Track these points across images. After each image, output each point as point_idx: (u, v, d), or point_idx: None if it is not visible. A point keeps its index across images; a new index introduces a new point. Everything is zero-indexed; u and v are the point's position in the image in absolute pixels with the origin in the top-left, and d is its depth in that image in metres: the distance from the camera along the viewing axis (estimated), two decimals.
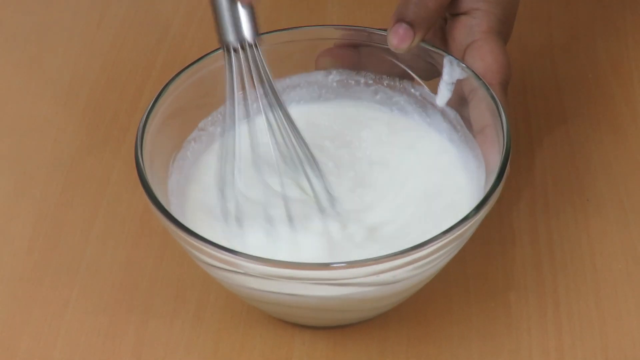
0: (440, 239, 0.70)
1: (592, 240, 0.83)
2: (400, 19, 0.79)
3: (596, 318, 0.79)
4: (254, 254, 0.69)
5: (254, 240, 0.76)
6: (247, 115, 0.78)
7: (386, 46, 0.81)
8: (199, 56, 0.80)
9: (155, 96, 0.78)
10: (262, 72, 0.75)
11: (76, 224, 0.85)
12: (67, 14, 1.04)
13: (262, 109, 0.76)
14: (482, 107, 0.78)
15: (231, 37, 0.75)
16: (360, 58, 0.84)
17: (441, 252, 0.71)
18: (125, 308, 0.80)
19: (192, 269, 0.82)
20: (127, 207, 0.86)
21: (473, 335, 0.78)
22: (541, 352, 0.77)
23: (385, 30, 0.81)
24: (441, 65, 0.80)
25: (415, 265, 0.70)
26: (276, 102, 0.76)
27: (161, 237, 0.84)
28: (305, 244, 0.75)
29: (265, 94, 0.76)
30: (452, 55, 0.80)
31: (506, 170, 0.73)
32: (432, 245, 0.70)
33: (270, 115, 0.77)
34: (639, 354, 0.77)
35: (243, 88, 0.76)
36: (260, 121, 0.77)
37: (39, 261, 0.83)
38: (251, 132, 0.78)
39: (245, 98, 0.77)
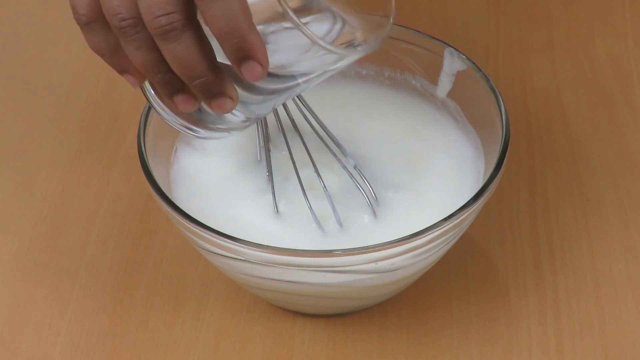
0: (438, 227, 0.70)
1: (592, 240, 0.83)
2: None
3: (596, 318, 0.78)
4: (254, 241, 0.70)
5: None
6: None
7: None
8: None
9: None
10: None
11: (76, 224, 0.85)
12: (67, 14, 1.03)
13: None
14: (481, 98, 0.78)
15: None
16: None
17: (439, 241, 0.72)
18: (125, 308, 0.80)
19: (192, 269, 0.82)
20: (127, 207, 0.86)
21: (473, 336, 0.78)
22: (541, 352, 0.77)
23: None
24: (441, 57, 0.81)
25: (414, 253, 0.71)
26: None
27: (161, 237, 0.84)
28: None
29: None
30: (452, 47, 0.80)
31: (505, 160, 0.73)
32: (430, 234, 0.70)
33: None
34: (639, 354, 0.77)
35: None
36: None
37: (39, 261, 0.83)
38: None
39: None
